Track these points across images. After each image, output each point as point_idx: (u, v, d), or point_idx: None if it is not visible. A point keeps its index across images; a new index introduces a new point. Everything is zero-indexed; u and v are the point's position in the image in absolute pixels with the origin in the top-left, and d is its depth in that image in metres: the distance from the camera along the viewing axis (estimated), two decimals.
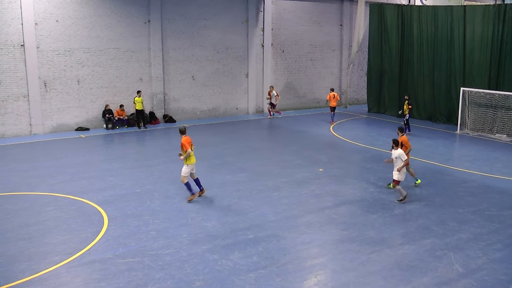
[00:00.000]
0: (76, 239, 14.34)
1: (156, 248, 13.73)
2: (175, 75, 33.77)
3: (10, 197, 18.10)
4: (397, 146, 17.22)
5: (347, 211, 16.81)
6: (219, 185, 19.44)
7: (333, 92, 33.78)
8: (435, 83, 33.90)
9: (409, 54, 35.58)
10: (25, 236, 14.53)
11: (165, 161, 23.16)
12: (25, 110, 28.71)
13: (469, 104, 30.49)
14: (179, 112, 34.30)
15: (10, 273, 12.25)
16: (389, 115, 36.78)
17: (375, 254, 13.47)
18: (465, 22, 31.59)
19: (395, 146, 17.20)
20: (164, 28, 32.76)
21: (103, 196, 18.11)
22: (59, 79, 29.52)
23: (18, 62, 28.16)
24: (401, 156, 16.98)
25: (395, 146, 17.20)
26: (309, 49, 39.85)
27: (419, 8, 35.22)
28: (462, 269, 12.67)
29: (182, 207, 17.05)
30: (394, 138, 17.60)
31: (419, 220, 16.01)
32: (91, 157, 23.91)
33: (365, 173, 21.53)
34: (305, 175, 21.02)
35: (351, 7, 41.08)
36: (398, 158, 17.06)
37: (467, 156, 24.68)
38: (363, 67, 42.89)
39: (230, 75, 36.20)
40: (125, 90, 31.88)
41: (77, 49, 29.92)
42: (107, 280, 11.94)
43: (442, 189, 19.25)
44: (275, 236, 14.63)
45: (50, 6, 28.75)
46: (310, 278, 12.18)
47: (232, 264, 12.83)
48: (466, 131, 30.18)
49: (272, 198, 18.01)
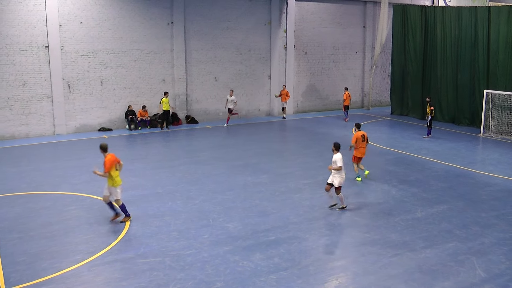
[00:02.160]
0: (98, 239, 14.44)
1: (178, 249, 13.76)
2: (198, 76, 33.88)
3: (33, 196, 18.28)
4: (337, 150, 16.76)
5: (369, 214, 16.72)
6: (241, 187, 19.44)
7: (348, 91, 34.87)
8: (458, 85, 33.59)
9: (433, 55, 35.30)
10: (48, 234, 14.65)
11: (187, 162, 23.23)
12: (48, 110, 29.00)
13: (493, 107, 30.17)
14: (202, 113, 34.41)
15: (32, 271, 12.36)
16: (412, 117, 36.56)
17: (396, 257, 13.37)
18: (490, 23, 31.23)
19: (335, 149, 16.78)
20: (187, 30, 32.89)
21: (125, 196, 18.11)
22: (82, 80, 29.78)
23: (42, 63, 28.47)
24: (337, 161, 16.53)
25: (335, 149, 16.78)
26: (332, 51, 39.74)
27: (443, 9, 34.93)
28: (484, 274, 12.52)
29: (203, 207, 17.08)
30: (335, 142, 17.09)
31: (441, 223, 15.86)
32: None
33: (387, 175, 21.39)
34: (327, 177, 20.72)
35: (374, 9, 40.88)
36: (334, 163, 16.64)
37: (490, 159, 24.42)
38: (386, 69, 42.66)
39: (253, 76, 36.23)
40: (147, 91, 32.06)
41: (101, 51, 30.16)
42: (128, 280, 11.99)
43: (465, 192, 19.06)
44: (297, 238, 14.59)
45: (74, 8, 29.02)
46: (331, 281, 12.13)
47: (253, 265, 12.81)
48: (489, 134, 29.86)
49: (293, 199, 17.97)
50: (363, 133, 20.47)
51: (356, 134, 20.37)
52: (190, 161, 23.28)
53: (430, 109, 28.54)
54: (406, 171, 21.77)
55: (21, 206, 17.14)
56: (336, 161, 16.53)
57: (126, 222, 15.56)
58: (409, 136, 29.35)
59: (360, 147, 20.36)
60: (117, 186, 15.39)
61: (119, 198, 15.48)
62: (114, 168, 15.32)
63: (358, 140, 20.22)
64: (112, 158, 15.28)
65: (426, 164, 23.01)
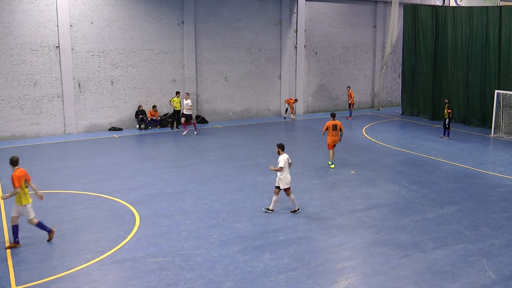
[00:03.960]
0: (108, 238, 14.49)
1: (187, 248, 13.79)
2: (208, 76, 33.93)
3: (44, 195, 18.30)
4: (282, 151, 16.49)
5: (379, 214, 16.68)
6: (251, 187, 19.44)
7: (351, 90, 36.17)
8: (469, 85, 33.47)
9: (443, 55, 35.18)
10: (58, 233, 14.69)
11: (197, 161, 23.27)
12: (59, 110, 29.13)
13: (504, 107, 30.03)
14: (212, 113, 34.45)
15: (43, 270, 12.43)
16: (423, 117, 36.47)
17: (406, 258, 13.33)
18: (501, 23, 31.09)
19: (281, 150, 16.49)
20: (197, 30, 32.94)
21: (135, 195, 18.26)
22: (93, 80, 29.90)
23: (53, 63, 28.60)
24: (279, 162, 16.25)
25: (281, 150, 16.49)
26: (342, 51, 39.68)
27: (454, 9, 34.78)
28: (495, 275, 12.46)
29: (213, 207, 17.10)
30: (279, 143, 16.73)
31: (451, 224, 15.80)
32: (124, 157, 24.15)
33: (397, 176, 21.34)
34: (336, 177, 20.92)
35: (385, 9, 40.79)
36: (278, 163, 16.38)
37: (501, 160, 24.29)
38: (396, 69, 42.56)
39: (263, 76, 36.24)
40: (158, 91, 32.14)
41: (111, 51, 30.26)
42: (138, 279, 12.02)
43: (475, 193, 18.97)
44: (306, 238, 14.59)
45: (85, 9, 29.15)
46: (340, 281, 12.11)
47: (262, 265, 12.81)
48: (500, 135, 29.73)
49: (303, 200, 17.95)
50: (335, 122, 22.07)
51: (327, 123, 22.16)
52: (200, 161, 23.32)
53: (448, 111, 28.29)
54: (416, 172, 21.70)
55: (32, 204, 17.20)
56: (279, 162, 16.30)
57: (50, 236, 14.39)
58: (420, 137, 29.27)
59: (330, 135, 22.09)
60: (26, 204, 13.81)
61: (31, 217, 13.93)
62: (23, 185, 13.76)
63: (329, 128, 22.01)
64: (21, 173, 13.76)
65: (436, 165, 22.93)
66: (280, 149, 16.47)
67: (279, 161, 16.24)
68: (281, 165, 16.14)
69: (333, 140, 22.17)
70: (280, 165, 16.15)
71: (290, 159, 16.58)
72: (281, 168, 16.15)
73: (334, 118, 22.30)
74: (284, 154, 16.38)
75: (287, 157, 16.34)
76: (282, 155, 16.34)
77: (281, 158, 16.27)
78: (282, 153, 16.41)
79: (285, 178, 16.29)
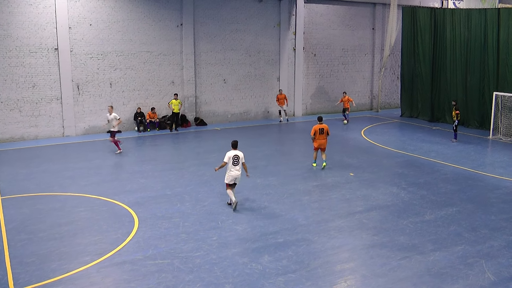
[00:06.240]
0: (107, 240, 14.47)
1: (186, 251, 13.78)
2: (207, 78, 33.93)
3: (42, 197, 18.35)
4: (234, 148, 17.10)
5: (378, 216, 16.68)
6: (250, 189, 19.43)
7: (347, 96, 35.87)
8: (468, 87, 33.50)
9: (442, 57, 35.20)
10: (57, 236, 14.70)
11: (196, 163, 23.27)
12: (58, 112, 29.12)
13: (502, 109, 30.04)
14: (211, 115, 34.45)
15: (41, 272, 12.40)
16: (422, 119, 36.49)
17: (405, 260, 13.33)
18: (499, 25, 31.14)
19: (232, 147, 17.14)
20: (196, 32, 32.95)
21: (134, 197, 18.24)
22: (91, 82, 29.89)
23: (52, 65, 28.60)
24: (224, 157, 16.88)
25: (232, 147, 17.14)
26: (341, 53, 39.70)
27: (452, 11, 34.82)
28: (494, 277, 12.46)
29: (212, 210, 17.09)
30: (233, 140, 17.44)
31: (450, 226, 15.80)
32: (122, 159, 24.15)
33: (396, 178, 21.35)
34: (336, 179, 20.92)
35: (384, 11, 40.81)
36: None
37: (499, 162, 24.30)
38: (395, 71, 42.59)
39: (262, 78, 36.24)
40: (157, 93, 32.13)
41: (110, 53, 30.26)
42: (137, 281, 12.01)
43: (474, 195, 18.98)
44: (305, 240, 14.58)
45: (84, 11, 29.15)
46: (339, 283, 12.10)
47: (261, 267, 12.81)
48: (498, 137, 29.75)
49: (302, 202, 17.96)
50: (322, 126, 22.19)
51: (315, 126, 22.27)
52: (199, 163, 23.31)
53: (456, 113, 28.27)
54: (415, 174, 21.71)
55: (30, 207, 17.21)
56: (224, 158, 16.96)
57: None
58: (419, 139, 29.28)
59: (317, 139, 22.21)
60: None
61: None
62: None
63: (316, 132, 22.10)
64: None
65: (435, 167, 22.94)
66: (232, 146, 17.20)
67: (225, 156, 16.97)
68: (224, 160, 16.86)
69: (320, 144, 22.31)
70: (224, 160, 16.88)
71: (244, 158, 17.15)
72: (225, 163, 16.88)
73: (321, 122, 22.49)
74: (232, 151, 17.01)
75: (233, 155, 16.89)
76: (230, 152, 16.99)
77: (226, 155, 16.95)
78: (232, 150, 17.08)
79: (228, 174, 16.98)
